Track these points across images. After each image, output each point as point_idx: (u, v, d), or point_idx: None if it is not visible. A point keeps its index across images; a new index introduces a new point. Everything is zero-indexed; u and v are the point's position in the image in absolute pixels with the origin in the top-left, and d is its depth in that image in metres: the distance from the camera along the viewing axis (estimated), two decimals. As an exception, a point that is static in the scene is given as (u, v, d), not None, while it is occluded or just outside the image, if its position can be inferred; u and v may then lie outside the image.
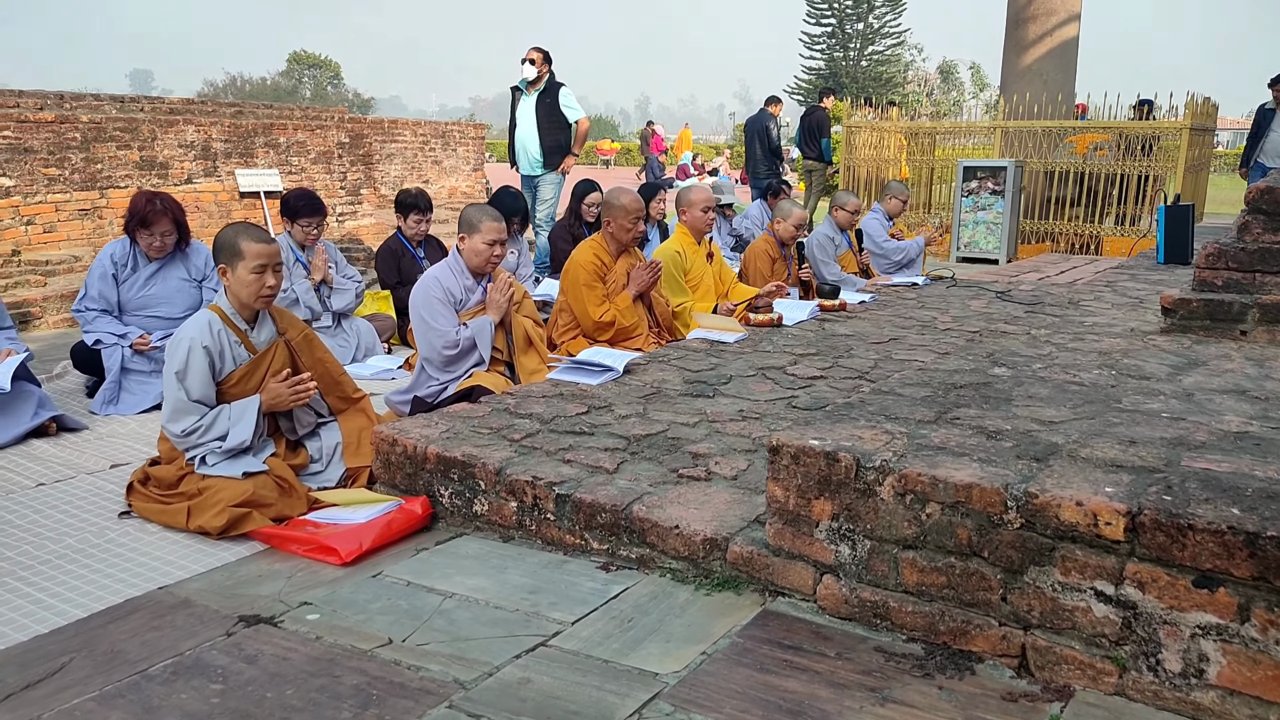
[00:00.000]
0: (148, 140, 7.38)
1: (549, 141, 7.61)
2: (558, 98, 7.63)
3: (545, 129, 7.60)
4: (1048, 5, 11.51)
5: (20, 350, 3.88)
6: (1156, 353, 3.06)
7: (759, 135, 11.77)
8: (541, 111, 7.61)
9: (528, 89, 7.67)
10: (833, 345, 4.37)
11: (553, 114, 7.62)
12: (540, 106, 7.62)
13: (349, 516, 2.85)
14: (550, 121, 7.61)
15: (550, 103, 7.62)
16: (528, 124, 7.65)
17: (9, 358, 3.77)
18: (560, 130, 7.64)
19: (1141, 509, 1.75)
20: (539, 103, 7.62)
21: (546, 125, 7.61)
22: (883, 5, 49.42)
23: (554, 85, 7.66)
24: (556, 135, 7.63)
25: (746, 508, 2.50)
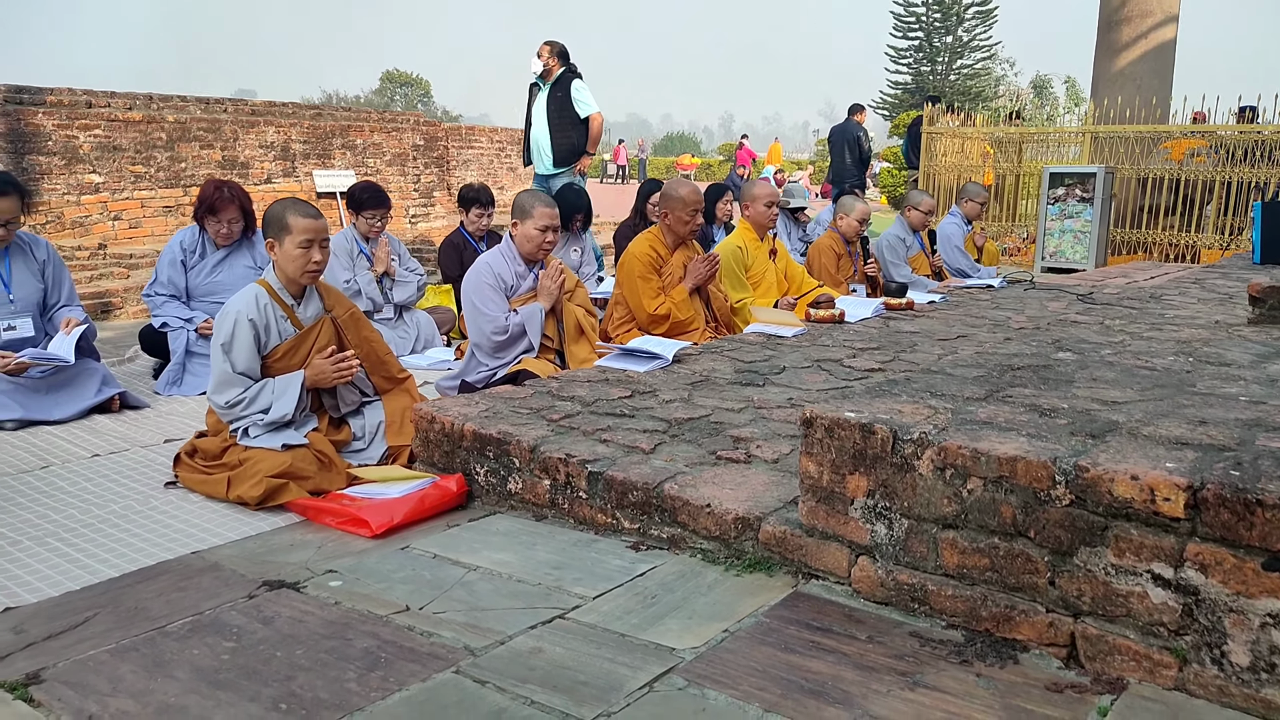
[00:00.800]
0: (230, 140, 7.62)
1: (560, 138, 7.19)
2: (569, 91, 7.15)
3: (556, 125, 7.16)
4: (1143, 6, 11.07)
5: (81, 319, 3.99)
6: (1241, 342, 2.83)
7: (849, 144, 11.61)
8: (553, 106, 7.16)
9: (542, 83, 7.26)
10: (896, 341, 4.20)
11: (564, 109, 7.16)
12: (552, 101, 7.17)
13: (384, 491, 2.83)
14: (562, 117, 7.16)
15: (561, 96, 7.15)
16: (540, 120, 7.24)
17: (73, 329, 3.88)
18: (572, 126, 7.17)
19: (1204, 483, 1.58)
20: (550, 97, 7.18)
21: (558, 121, 7.15)
22: (972, 18, 48.40)
23: (566, 78, 7.18)
24: (568, 132, 7.19)
25: (784, 490, 2.38)
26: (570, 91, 7.09)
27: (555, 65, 7.12)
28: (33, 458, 3.36)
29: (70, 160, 6.88)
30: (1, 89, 6.91)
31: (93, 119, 6.93)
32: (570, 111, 7.09)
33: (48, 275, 4.06)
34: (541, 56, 7.14)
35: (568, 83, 7.11)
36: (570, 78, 7.13)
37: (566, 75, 7.13)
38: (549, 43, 7.20)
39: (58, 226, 6.93)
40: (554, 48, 7.16)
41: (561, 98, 7.12)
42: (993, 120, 13.87)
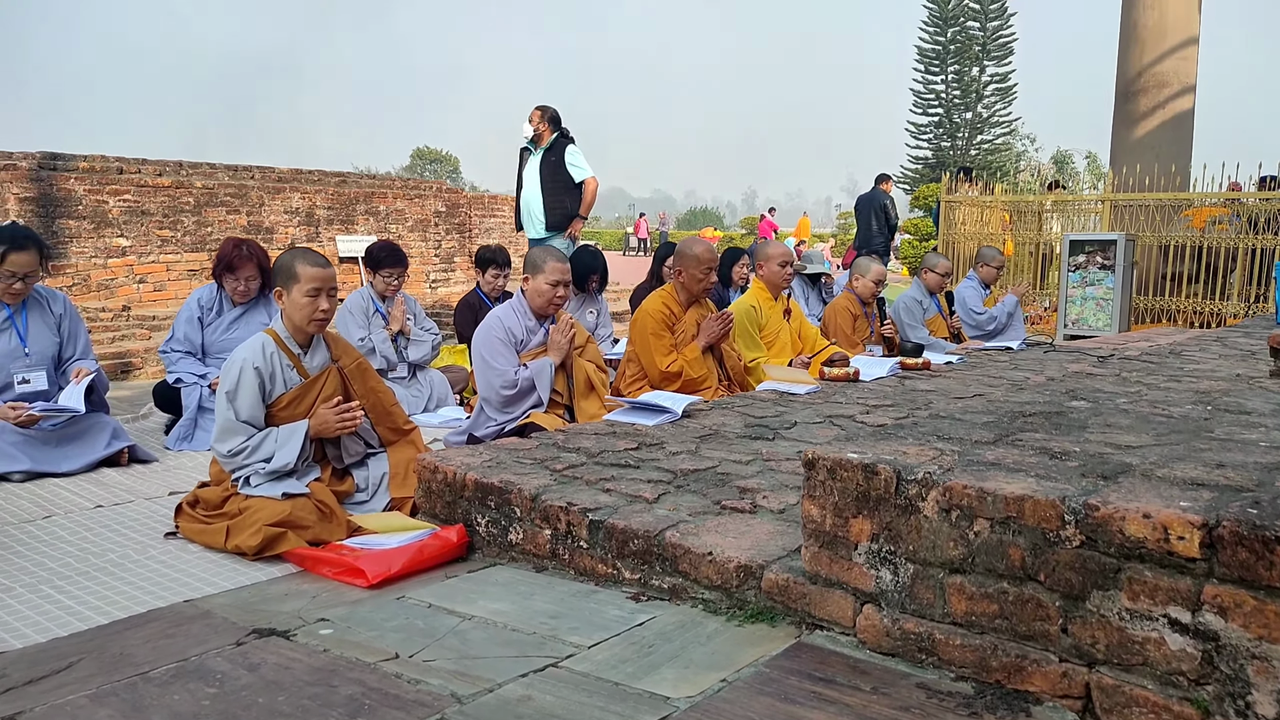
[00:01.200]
0: (256, 206, 7.78)
1: (552, 202, 7.04)
2: (563, 155, 7.06)
3: (549, 189, 7.05)
4: (1159, 77, 11.16)
5: (91, 369, 4.02)
6: (1262, 393, 2.75)
7: (875, 211, 11.74)
8: (546, 171, 7.07)
9: (534, 148, 7.21)
10: (911, 399, 4.14)
11: (557, 173, 7.05)
12: (545, 165, 7.09)
13: (383, 542, 2.78)
14: (555, 181, 7.05)
15: (555, 161, 7.07)
16: (532, 184, 7.13)
17: (83, 378, 3.90)
18: (565, 191, 7.05)
19: (1220, 521, 1.51)
20: (544, 161, 7.10)
21: (550, 185, 7.05)
22: (991, 95, 49.12)
23: (560, 143, 7.11)
24: (561, 196, 7.05)
25: (789, 539, 2.31)
26: (564, 156, 7.05)
27: (546, 130, 7.11)
28: (36, 508, 3.35)
29: (99, 224, 7.04)
30: (36, 155, 7.12)
31: (123, 184, 7.11)
32: (564, 176, 7.03)
33: (64, 329, 4.10)
34: (532, 121, 7.13)
35: (561, 148, 7.08)
36: (564, 143, 7.11)
37: (560, 140, 7.11)
38: (540, 108, 7.20)
39: (84, 289, 7.06)
40: (545, 113, 7.15)
41: (555, 162, 7.07)
42: (1014, 190, 13.92)
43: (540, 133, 7.08)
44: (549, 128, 7.09)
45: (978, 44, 48.31)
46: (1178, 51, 11.00)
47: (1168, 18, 10.93)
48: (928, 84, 49.67)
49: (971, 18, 48.18)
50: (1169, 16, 10.92)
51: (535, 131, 7.09)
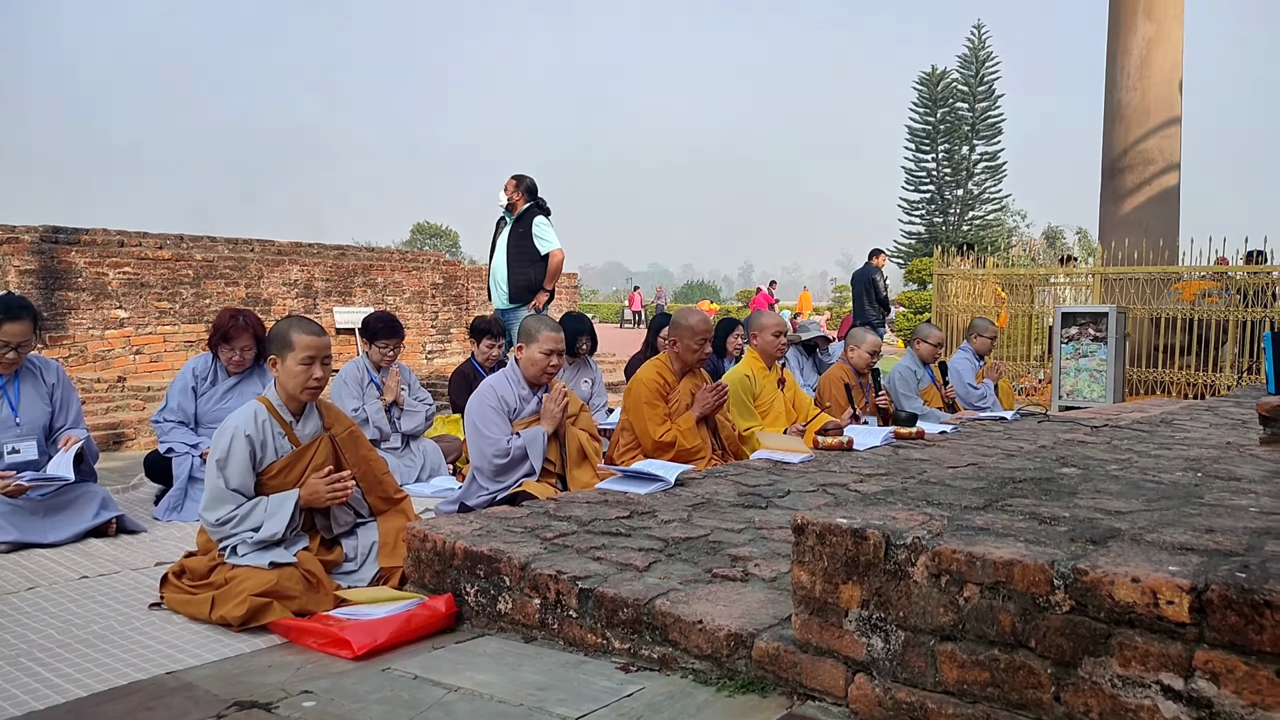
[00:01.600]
0: (254, 278, 7.86)
1: (517, 274, 6.91)
2: (531, 226, 6.92)
3: (514, 259, 6.92)
4: (1145, 155, 11.40)
5: (80, 437, 4.00)
6: (1253, 460, 2.75)
7: (866, 286, 11.94)
8: (514, 241, 6.95)
9: (509, 217, 7.07)
10: (905, 467, 4.13)
11: (524, 244, 6.91)
12: (513, 236, 6.97)
13: (369, 612, 2.74)
14: (520, 252, 6.92)
15: (523, 232, 6.92)
16: (500, 254, 7.02)
17: (71, 446, 3.89)
18: (531, 263, 6.90)
19: (1208, 585, 1.50)
20: (512, 232, 6.98)
21: (516, 255, 6.92)
22: (981, 172, 50.01)
23: (531, 213, 6.97)
24: (525, 267, 6.91)
25: (781, 607, 2.28)
26: (532, 227, 6.93)
27: (520, 200, 6.99)
28: (20, 579, 3.31)
29: (98, 296, 7.10)
30: (39, 229, 7.22)
31: (124, 257, 7.19)
32: (530, 247, 6.91)
33: (56, 398, 4.10)
34: (507, 191, 7.02)
35: (530, 218, 6.96)
36: (535, 214, 6.99)
37: (532, 210, 7.00)
38: (516, 177, 7.08)
39: (80, 360, 7.08)
40: (521, 182, 7.04)
41: (523, 234, 6.95)
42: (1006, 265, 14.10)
43: (514, 202, 6.99)
44: (523, 197, 7.01)
45: (967, 124, 49.37)
46: (1161, 130, 11.26)
47: (1150, 98, 11.22)
48: (919, 162, 50.60)
49: (960, 99, 49.33)
50: (1151, 97, 11.21)
51: (509, 200, 7.00)
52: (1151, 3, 11.16)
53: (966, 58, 49.52)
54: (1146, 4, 11.17)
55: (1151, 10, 11.16)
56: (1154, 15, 11.16)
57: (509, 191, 7.00)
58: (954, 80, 49.48)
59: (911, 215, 51.39)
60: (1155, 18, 11.16)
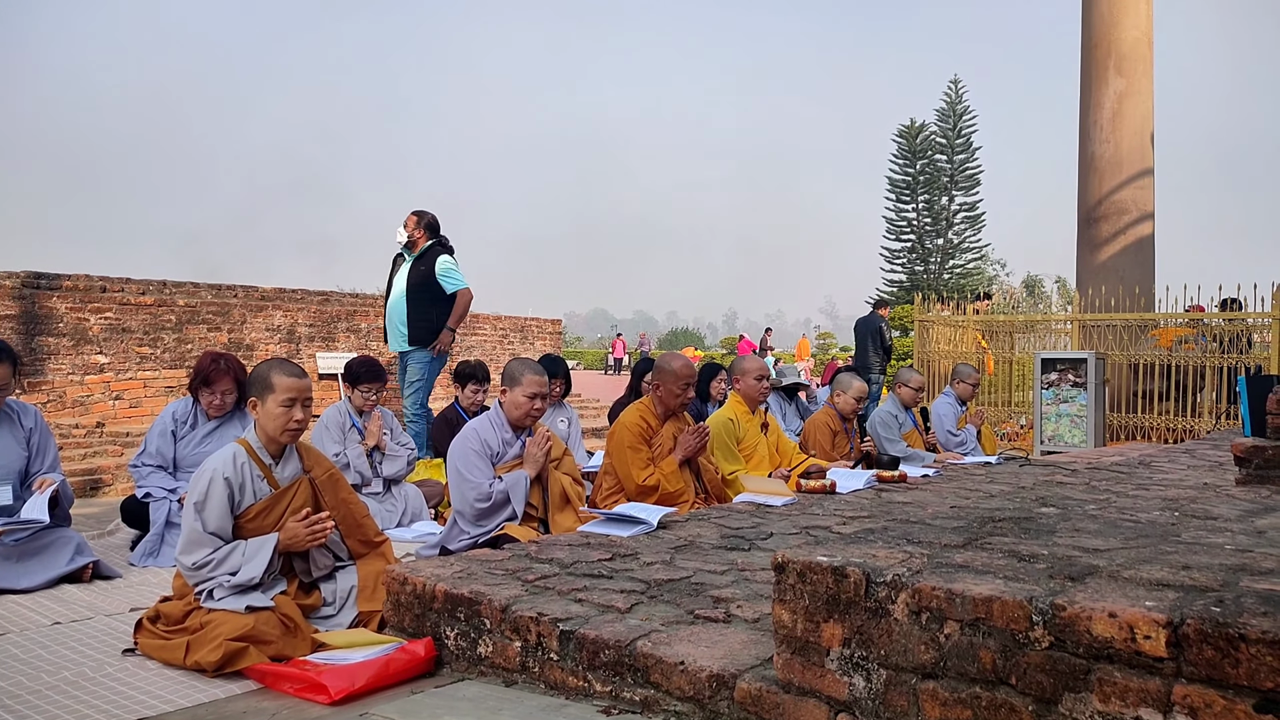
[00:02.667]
0: (237, 324, 7.84)
1: (418, 314, 6.50)
2: (434, 265, 6.55)
3: (415, 299, 6.53)
4: (1119, 205, 11.63)
5: (55, 480, 3.96)
6: (1229, 500, 2.78)
7: (871, 335, 12.15)
8: (414, 279, 6.56)
9: (408, 254, 6.72)
10: (888, 510, 4.14)
11: (426, 283, 6.53)
12: (414, 274, 6.58)
13: (346, 656, 2.70)
14: (422, 291, 6.53)
15: (425, 270, 6.55)
16: (398, 292, 6.61)
17: (46, 489, 3.84)
18: (433, 303, 6.54)
19: (1184, 619, 1.51)
20: (413, 269, 6.59)
21: (417, 295, 6.53)
22: (961, 222, 50.73)
23: (432, 251, 6.61)
24: (428, 308, 6.53)
25: (763, 648, 2.27)
26: (435, 266, 6.56)
27: (422, 237, 6.64)
28: (-9, 625, 3.25)
29: (79, 341, 7.06)
30: (21, 275, 7.20)
31: (105, 302, 7.17)
32: (433, 287, 6.55)
33: (33, 443, 4.06)
34: (407, 227, 6.66)
35: (434, 257, 6.60)
36: (438, 251, 6.63)
37: (434, 248, 6.65)
38: (417, 213, 6.71)
39: (59, 405, 7.02)
40: (422, 218, 6.67)
41: (425, 272, 6.57)
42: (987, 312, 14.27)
43: (415, 239, 6.64)
44: (425, 234, 6.66)
45: (946, 175, 50.20)
46: (1134, 181, 11.50)
47: (1122, 150, 11.47)
48: (900, 212, 51.30)
49: (939, 151, 50.22)
50: (1123, 149, 11.47)
51: (410, 238, 6.65)
52: (1122, 58, 11.47)
53: (944, 111, 50.52)
54: (1117, 59, 11.48)
55: (1122, 66, 11.46)
56: (1124, 70, 11.46)
57: (409, 228, 6.65)
58: (932, 133, 50.41)
59: (893, 264, 51.97)
60: (1126, 73, 11.46)
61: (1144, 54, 11.56)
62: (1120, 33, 11.48)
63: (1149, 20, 11.67)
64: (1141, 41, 11.54)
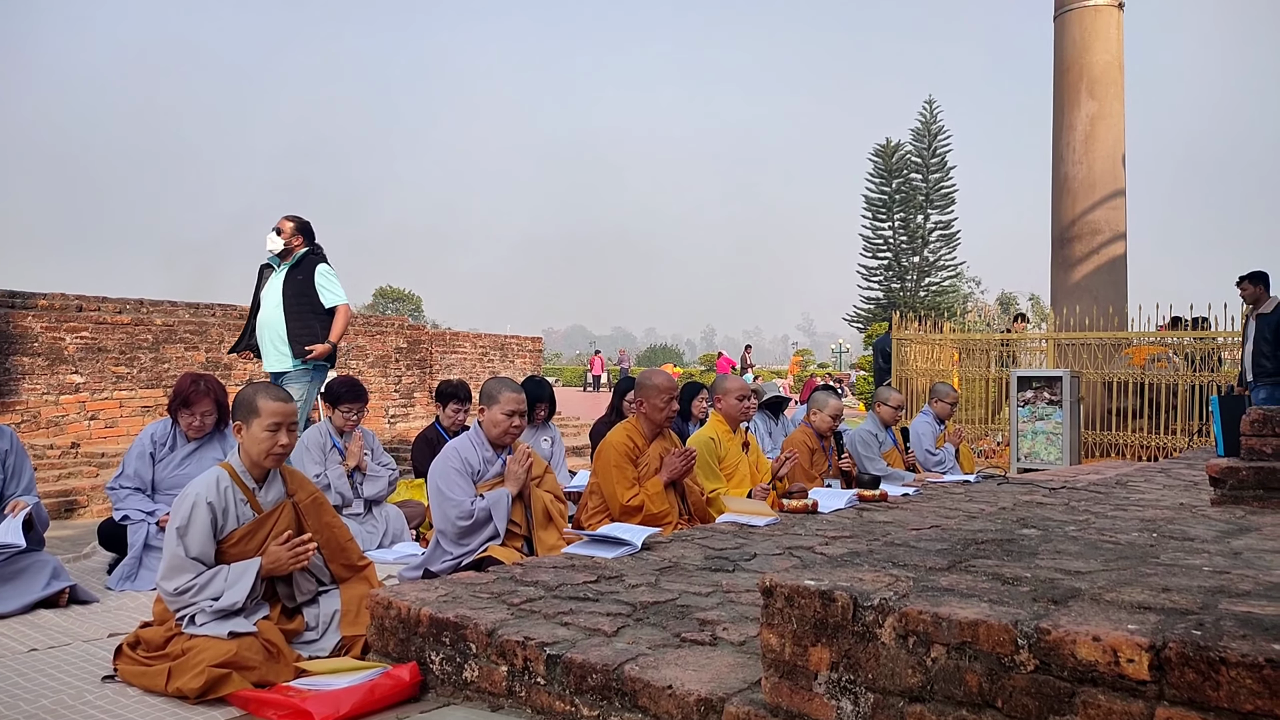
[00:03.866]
0: (215, 343, 7.78)
1: (297, 328, 5.89)
2: (313, 274, 5.98)
3: (294, 311, 5.91)
4: (1092, 225, 11.80)
5: (30, 501, 3.92)
6: (1205, 521, 2.83)
7: (885, 353, 12.36)
8: (291, 290, 5.94)
9: (278, 263, 6.09)
10: (869, 530, 4.16)
11: (304, 294, 5.95)
12: (290, 283, 5.95)
13: (331, 682, 2.69)
14: (300, 302, 5.93)
15: (303, 279, 5.97)
16: (273, 305, 5.97)
17: (19, 511, 3.80)
18: (314, 315, 5.95)
19: (1166, 643, 1.54)
20: (288, 279, 5.97)
21: (295, 307, 5.91)
22: (936, 240, 51.26)
23: (310, 259, 6.03)
24: (309, 321, 5.93)
25: (750, 671, 2.28)
26: (314, 276, 6.00)
27: (298, 243, 6.06)
28: (-34, 652, 3.19)
29: (54, 361, 6.98)
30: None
31: (81, 321, 7.10)
32: (313, 298, 5.97)
33: (8, 465, 4.01)
34: (283, 233, 6.01)
35: (311, 265, 6.03)
36: (315, 260, 6.06)
37: (310, 257, 6.06)
38: (292, 218, 6.09)
39: (33, 426, 6.93)
40: (297, 223, 6.07)
41: (302, 281, 5.99)
42: (962, 329, 14.40)
43: (291, 246, 6.04)
44: (301, 240, 6.07)
45: (921, 194, 50.77)
46: (1107, 202, 11.68)
47: (1095, 171, 11.65)
48: (876, 230, 51.80)
49: (914, 170, 50.80)
50: (1096, 171, 11.65)
51: (285, 245, 6.02)
52: (1094, 82, 11.67)
53: (919, 131, 51.12)
54: (1089, 83, 11.68)
55: (1094, 89, 11.66)
56: (1096, 94, 11.66)
57: (285, 235, 6.02)
58: (908, 152, 51.00)
59: (870, 281, 52.42)
60: (1097, 96, 11.66)
61: (1115, 77, 11.77)
62: (1092, 57, 11.68)
63: (1119, 45, 11.89)
64: (1112, 65, 11.76)
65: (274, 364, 6.03)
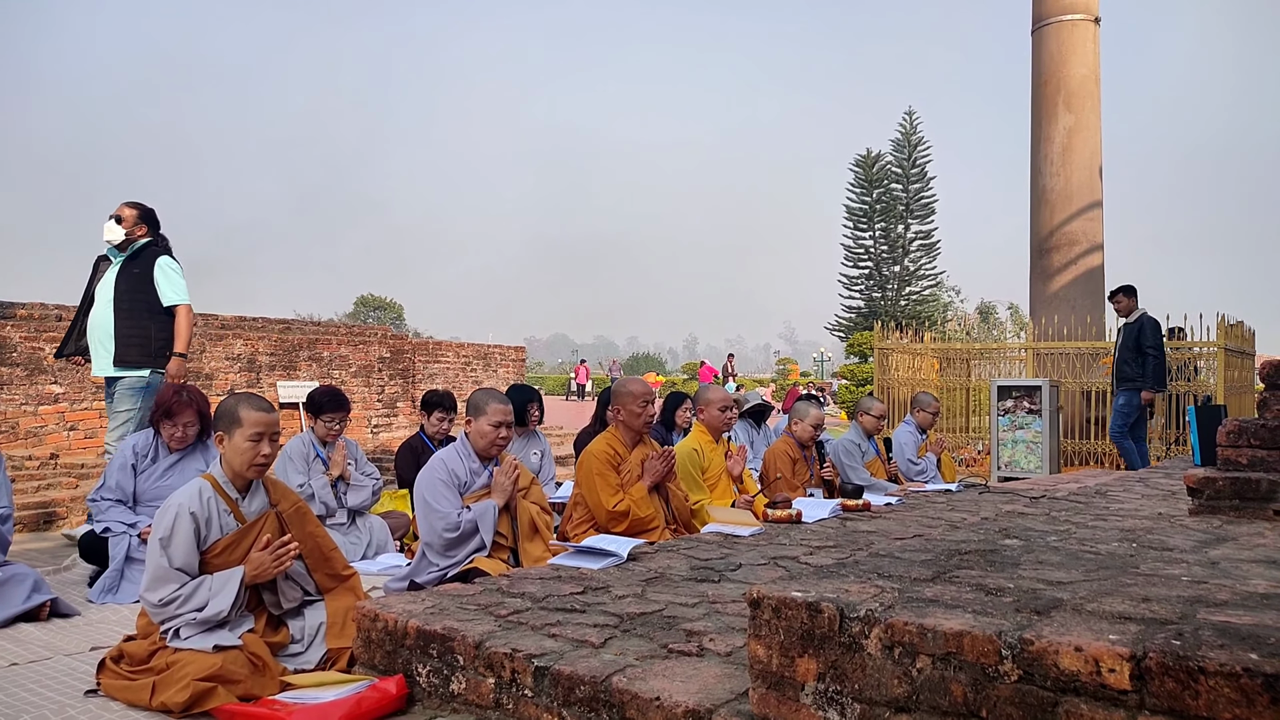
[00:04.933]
0: (196, 352, 7.74)
1: (127, 328, 5.19)
2: (151, 268, 5.25)
3: (126, 309, 5.19)
4: (1070, 236, 11.94)
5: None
6: (1183, 530, 2.87)
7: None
8: (124, 285, 5.21)
9: (116, 254, 5.35)
10: (853, 539, 4.19)
11: (139, 289, 5.23)
12: (124, 278, 5.22)
13: (317, 696, 2.68)
14: (134, 299, 5.21)
15: (139, 274, 5.24)
16: (104, 301, 5.24)
17: None
18: (149, 315, 5.22)
19: (1146, 653, 1.56)
20: (123, 272, 5.24)
21: (127, 304, 5.19)
22: (917, 250, 51.58)
23: (151, 251, 5.30)
24: (143, 321, 5.21)
25: (737, 682, 2.30)
26: (153, 269, 5.25)
27: (141, 233, 5.33)
28: (-55, 667, 3.16)
29: (32, 371, 6.92)
30: (-29, 303, 7.04)
31: (60, 331, 7.03)
32: (149, 295, 5.24)
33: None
34: (125, 222, 5.27)
35: (152, 257, 5.28)
36: (156, 252, 5.33)
37: (151, 248, 5.33)
38: (133, 204, 5.35)
39: (11, 437, 6.86)
40: (140, 210, 5.35)
41: (139, 275, 5.25)
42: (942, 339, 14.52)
43: (133, 236, 5.31)
44: (145, 230, 5.35)
45: (901, 204, 51.07)
46: (1085, 213, 11.83)
47: (1072, 184, 11.80)
48: (857, 240, 52.04)
49: (895, 180, 51.11)
50: (1073, 183, 11.80)
51: (127, 234, 5.28)
52: (1071, 95, 11.82)
53: (899, 141, 51.49)
54: (1066, 96, 11.83)
55: (1071, 102, 11.82)
56: (1073, 106, 11.81)
57: (127, 223, 5.28)
58: (888, 163, 51.33)
59: (851, 290, 52.65)
60: (1074, 109, 11.81)
61: (1092, 90, 11.93)
62: (1069, 70, 11.84)
63: (1096, 58, 12.06)
64: (1089, 79, 11.92)
65: (103, 368, 5.31)
